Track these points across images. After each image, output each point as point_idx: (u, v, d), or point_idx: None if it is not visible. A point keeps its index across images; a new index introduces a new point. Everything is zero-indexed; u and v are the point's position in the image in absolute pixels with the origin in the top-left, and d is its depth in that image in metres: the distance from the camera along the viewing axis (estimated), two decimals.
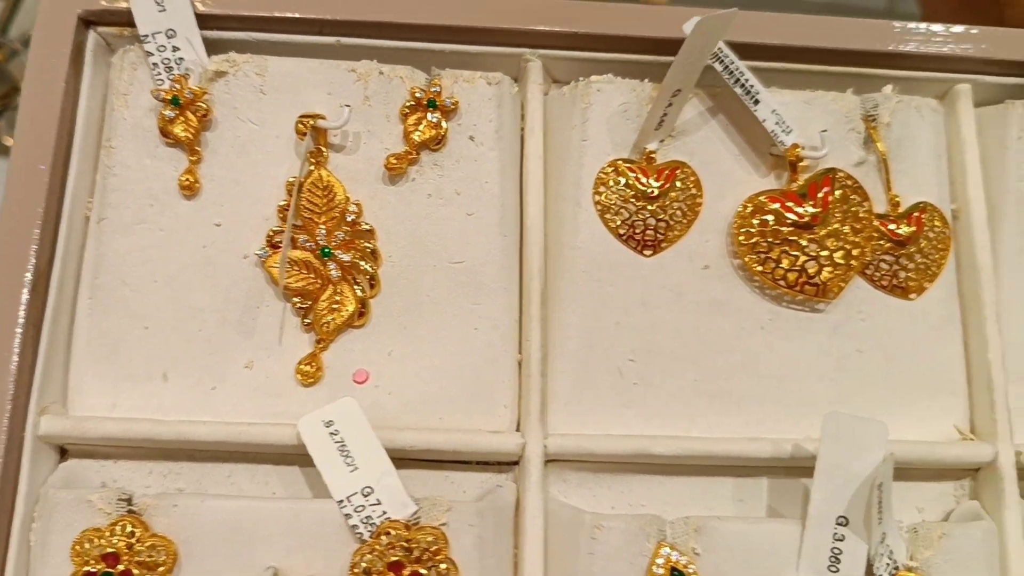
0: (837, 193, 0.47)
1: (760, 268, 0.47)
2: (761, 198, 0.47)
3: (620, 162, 0.47)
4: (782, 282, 0.46)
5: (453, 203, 0.47)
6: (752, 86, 0.47)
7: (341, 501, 0.41)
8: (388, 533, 0.40)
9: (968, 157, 0.50)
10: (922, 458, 0.46)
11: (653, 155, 0.47)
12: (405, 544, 0.40)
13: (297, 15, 0.47)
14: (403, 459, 0.45)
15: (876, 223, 0.48)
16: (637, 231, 0.47)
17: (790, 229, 0.47)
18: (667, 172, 0.47)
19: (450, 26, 0.48)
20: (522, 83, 0.49)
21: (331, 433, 0.42)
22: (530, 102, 0.49)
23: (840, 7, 0.90)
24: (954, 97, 0.51)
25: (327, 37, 0.48)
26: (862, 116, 0.49)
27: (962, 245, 0.50)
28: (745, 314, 0.48)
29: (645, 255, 0.47)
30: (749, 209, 0.47)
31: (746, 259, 0.47)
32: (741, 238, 0.47)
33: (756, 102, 0.46)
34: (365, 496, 0.41)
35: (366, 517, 0.41)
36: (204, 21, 0.47)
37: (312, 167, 0.46)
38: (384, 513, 0.41)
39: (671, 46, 0.46)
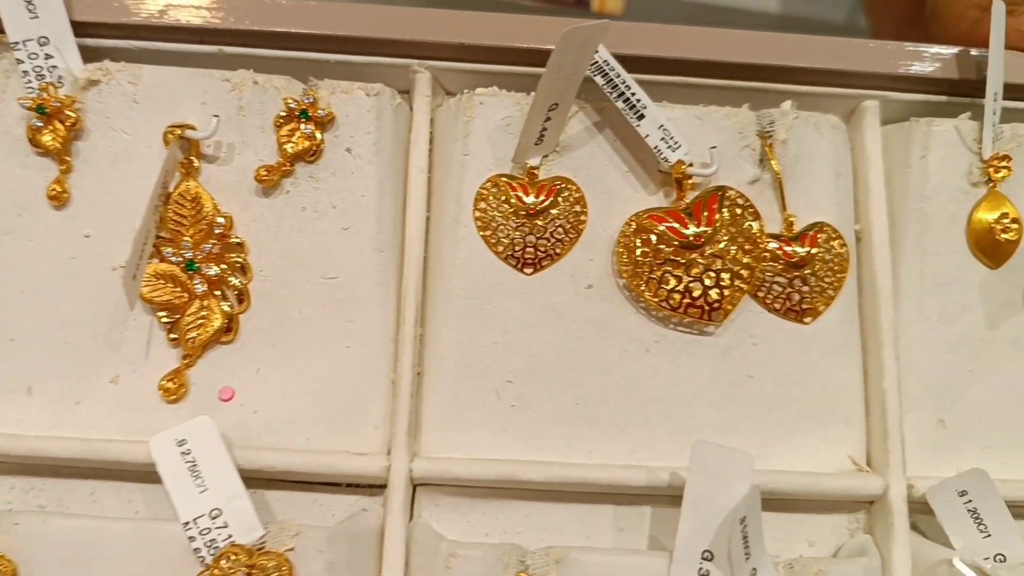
0: (725, 212, 0.45)
1: (644, 289, 0.45)
2: (645, 217, 0.45)
3: (501, 178, 0.46)
4: (666, 304, 0.45)
5: (328, 217, 0.45)
6: (638, 100, 0.45)
7: (187, 523, 0.40)
8: (229, 558, 0.39)
9: (872, 176, 0.48)
10: (807, 490, 0.44)
11: (535, 171, 0.46)
12: (246, 569, 0.39)
13: (178, 23, 0.46)
14: (273, 480, 0.44)
15: (768, 243, 0.46)
16: (517, 248, 0.45)
17: (674, 249, 0.45)
18: (549, 188, 0.46)
19: (337, 36, 0.47)
20: (412, 95, 0.48)
21: (183, 452, 0.41)
22: (416, 114, 0.47)
23: (796, 21, 0.89)
24: (861, 114, 0.49)
25: (209, 46, 0.47)
26: (758, 132, 0.47)
27: (863, 267, 0.48)
28: (630, 336, 0.46)
29: (526, 273, 0.46)
30: (633, 228, 0.45)
31: (630, 280, 0.45)
32: (624, 258, 0.45)
33: (641, 117, 0.45)
34: (213, 519, 0.40)
35: (210, 540, 0.39)
36: (82, 29, 0.46)
37: (182, 178, 0.45)
38: (229, 537, 0.40)
39: None
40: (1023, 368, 0.47)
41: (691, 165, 0.45)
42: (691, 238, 0.45)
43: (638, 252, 0.45)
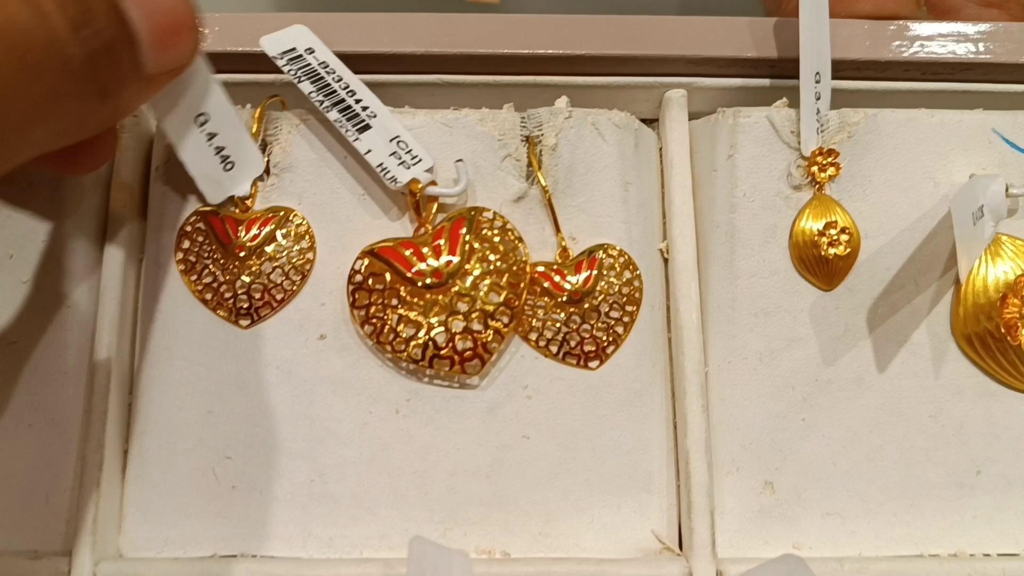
0: (475, 240, 0.37)
1: (383, 340, 0.37)
2: (375, 250, 0.37)
3: (208, 211, 0.38)
4: (405, 356, 0.37)
5: (4, 268, 0.38)
6: (364, 108, 0.37)
7: None
8: None
9: (675, 183, 0.39)
10: None
11: (247, 201, 0.38)
12: None
13: None
14: None
15: (534, 274, 0.37)
16: (227, 296, 0.38)
17: (411, 288, 0.37)
18: (263, 221, 0.38)
19: None
20: None
21: None
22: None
23: (698, 5, 0.79)
24: (665, 107, 0.41)
25: None
26: (523, 138, 0.39)
27: (668, 296, 0.39)
28: (375, 395, 0.38)
29: (241, 325, 0.38)
30: (365, 264, 0.37)
31: (364, 328, 0.37)
32: (358, 301, 0.37)
33: (364, 128, 0.37)
34: None
35: None
36: None
37: None
38: None
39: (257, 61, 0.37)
40: (870, 412, 0.38)
41: (432, 184, 0.37)
42: (429, 274, 0.37)
43: (369, 293, 0.37)
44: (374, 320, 0.37)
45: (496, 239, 0.37)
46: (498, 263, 0.37)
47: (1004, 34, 0.40)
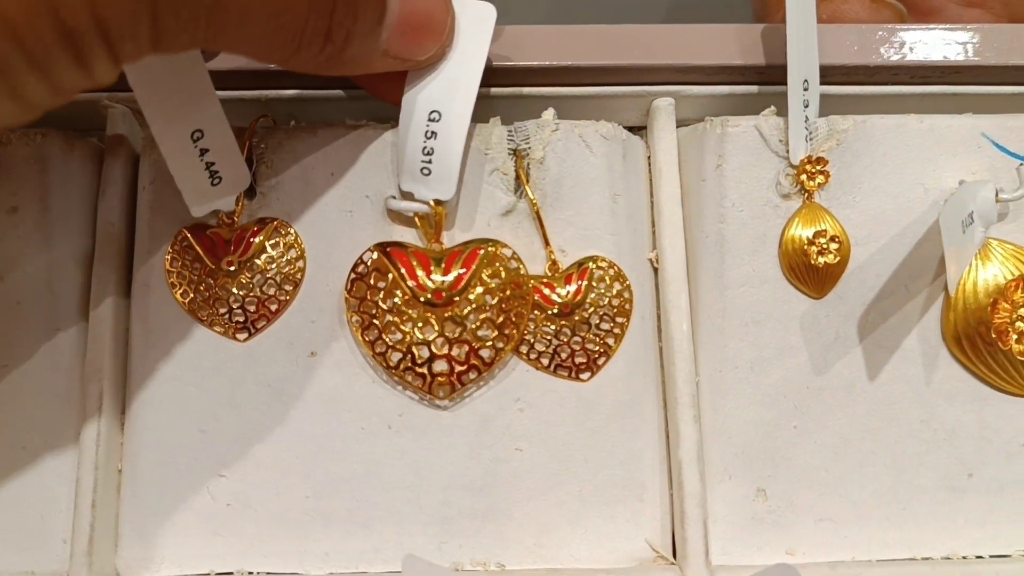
0: (488, 273, 0.37)
1: (365, 335, 0.37)
2: (388, 249, 0.37)
3: (193, 228, 0.38)
4: (382, 360, 0.37)
5: None
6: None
7: None
8: None
9: (664, 193, 0.39)
10: None
11: (233, 216, 0.38)
12: None
13: None
14: None
15: (528, 288, 0.37)
16: (221, 311, 0.37)
17: (408, 298, 0.37)
18: (252, 232, 0.38)
19: None
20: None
21: None
22: (106, 158, 0.40)
23: (688, 11, 0.78)
24: (653, 117, 0.40)
25: None
26: (511, 151, 0.39)
27: (659, 307, 0.39)
28: (367, 410, 0.38)
29: (239, 339, 0.38)
30: (373, 258, 0.37)
31: (352, 318, 0.37)
32: (355, 291, 0.37)
33: None
34: None
35: None
36: None
37: None
38: None
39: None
40: (861, 419, 0.38)
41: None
42: (431, 291, 0.36)
43: (371, 290, 0.37)
44: (363, 313, 0.37)
45: (505, 279, 0.37)
46: (501, 304, 0.37)
47: (993, 36, 0.39)
